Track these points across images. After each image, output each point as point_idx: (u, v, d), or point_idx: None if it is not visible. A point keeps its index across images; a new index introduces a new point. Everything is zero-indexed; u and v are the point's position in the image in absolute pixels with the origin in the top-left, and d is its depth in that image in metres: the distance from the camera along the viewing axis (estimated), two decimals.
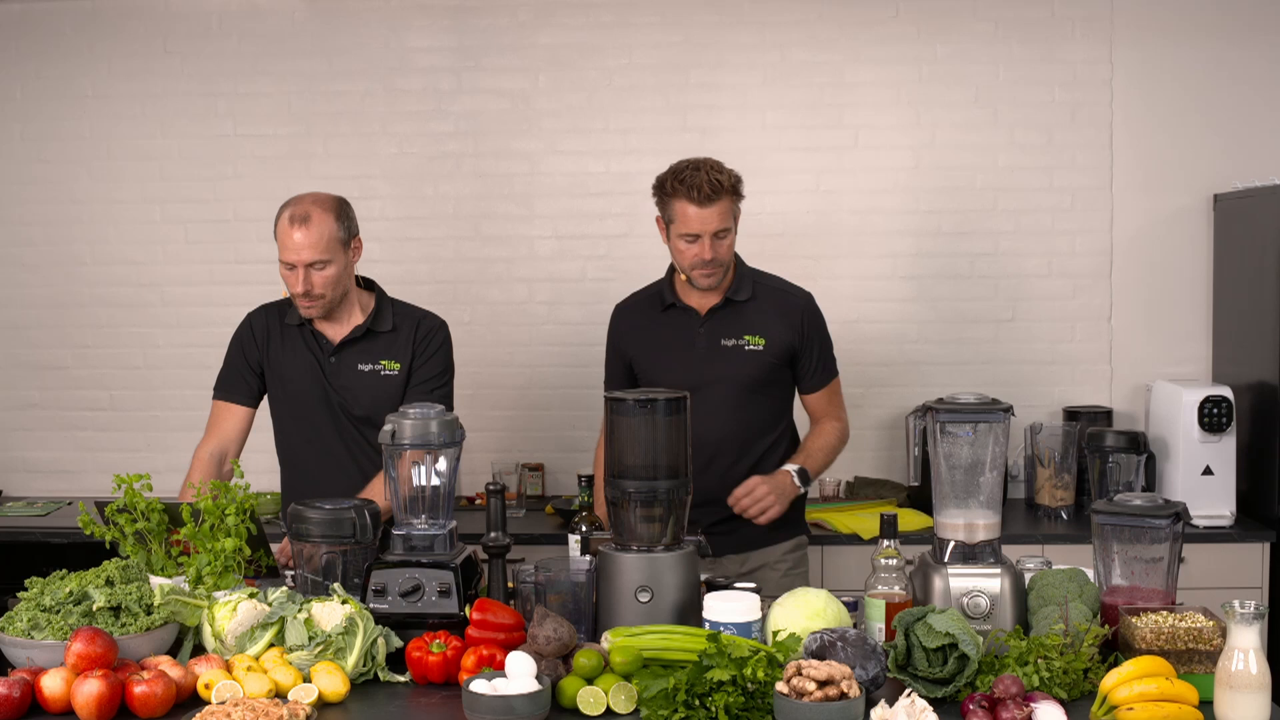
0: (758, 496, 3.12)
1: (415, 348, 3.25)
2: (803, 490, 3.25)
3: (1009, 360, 4.54)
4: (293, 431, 3.28)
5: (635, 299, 3.44)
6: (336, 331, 3.25)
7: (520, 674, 2.13)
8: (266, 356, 3.27)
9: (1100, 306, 4.53)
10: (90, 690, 2.13)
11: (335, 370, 3.23)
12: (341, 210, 3.17)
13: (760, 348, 3.24)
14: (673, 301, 3.31)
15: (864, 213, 4.54)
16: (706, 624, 2.38)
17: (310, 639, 2.34)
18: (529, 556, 2.81)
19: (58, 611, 2.34)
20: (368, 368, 3.23)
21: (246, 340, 3.30)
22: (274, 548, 2.93)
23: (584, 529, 2.94)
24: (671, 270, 3.33)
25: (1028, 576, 2.55)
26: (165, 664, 2.25)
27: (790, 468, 3.22)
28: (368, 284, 3.33)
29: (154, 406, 4.68)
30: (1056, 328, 4.54)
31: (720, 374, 3.23)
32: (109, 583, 2.41)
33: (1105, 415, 4.40)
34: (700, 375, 3.19)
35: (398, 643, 2.41)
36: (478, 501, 4.37)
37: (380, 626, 2.39)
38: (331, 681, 2.25)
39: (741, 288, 3.28)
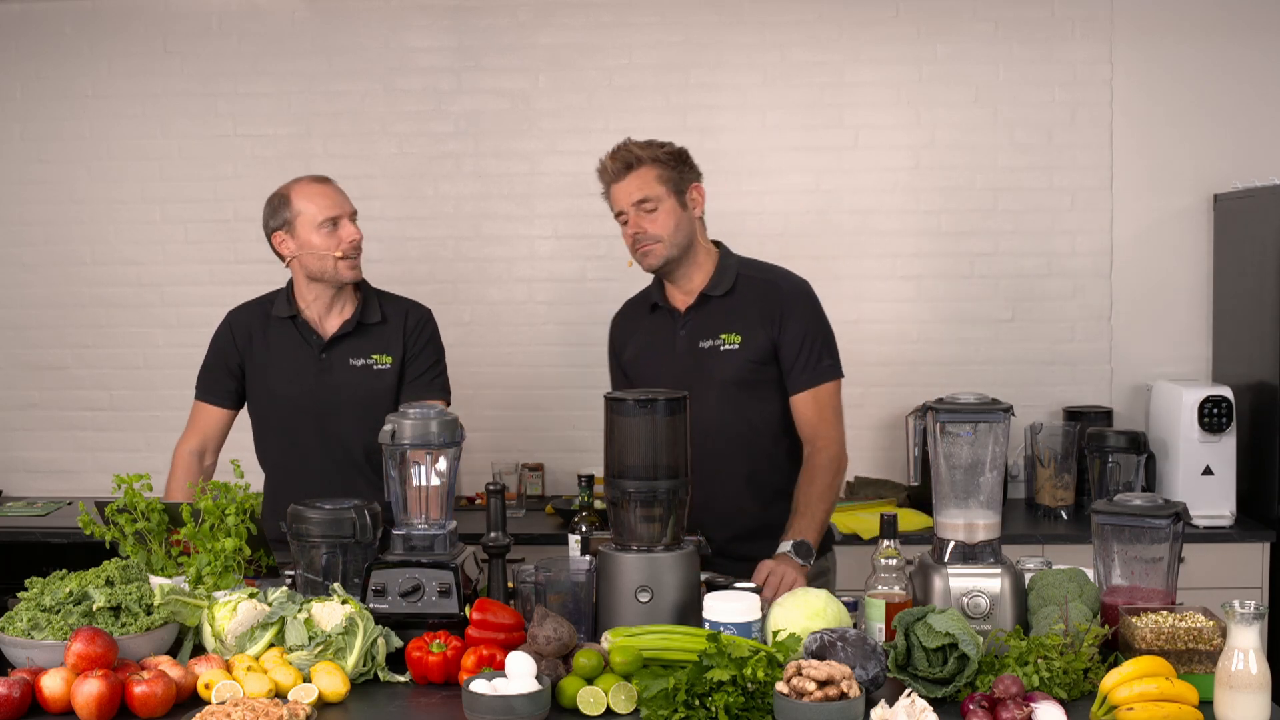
0: (777, 580, 2.76)
1: (407, 339, 3.22)
2: (807, 566, 2.87)
3: (1009, 360, 4.54)
4: (274, 430, 3.22)
5: (630, 303, 3.28)
6: (329, 324, 3.21)
7: (520, 674, 2.13)
8: (250, 357, 3.22)
9: (1100, 306, 4.52)
10: (90, 690, 2.13)
11: (327, 365, 3.19)
12: None
13: (736, 346, 3.02)
14: (656, 301, 3.13)
15: (864, 213, 4.54)
16: (706, 624, 2.38)
17: (310, 639, 2.34)
18: (529, 556, 2.81)
19: (58, 611, 2.34)
20: (359, 363, 3.19)
21: (226, 343, 3.25)
22: None
23: (584, 529, 2.94)
24: None
25: (1028, 576, 2.55)
26: (165, 664, 2.25)
27: (785, 548, 2.85)
28: None
29: (154, 406, 4.68)
30: (1056, 328, 4.54)
31: (700, 378, 2.99)
32: (109, 583, 2.41)
33: (1105, 415, 4.40)
34: (681, 381, 2.90)
35: (398, 643, 2.41)
36: (478, 501, 4.37)
37: (380, 626, 2.39)
38: (331, 681, 2.25)
39: (720, 282, 3.06)
